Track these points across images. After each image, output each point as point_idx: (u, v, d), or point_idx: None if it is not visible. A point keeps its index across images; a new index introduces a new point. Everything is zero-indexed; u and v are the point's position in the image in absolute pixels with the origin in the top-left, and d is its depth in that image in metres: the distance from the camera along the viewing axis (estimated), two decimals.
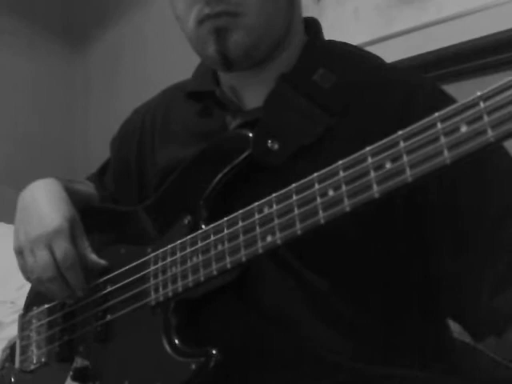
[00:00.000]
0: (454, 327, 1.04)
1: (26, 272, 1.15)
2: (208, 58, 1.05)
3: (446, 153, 0.68)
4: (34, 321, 1.24)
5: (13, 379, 1.27)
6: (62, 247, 1.09)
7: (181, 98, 1.21)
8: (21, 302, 1.71)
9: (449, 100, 1.01)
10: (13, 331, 1.42)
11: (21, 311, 1.31)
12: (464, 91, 0.74)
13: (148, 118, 1.26)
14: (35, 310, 1.25)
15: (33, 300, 1.28)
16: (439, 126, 0.70)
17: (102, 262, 1.13)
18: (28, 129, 2.99)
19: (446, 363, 1.00)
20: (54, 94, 3.14)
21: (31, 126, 3.00)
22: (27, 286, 1.42)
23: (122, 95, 2.92)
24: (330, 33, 1.15)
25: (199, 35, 1.03)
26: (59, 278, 1.09)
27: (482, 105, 0.66)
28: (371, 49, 1.17)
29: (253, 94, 1.09)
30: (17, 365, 1.24)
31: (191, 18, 1.02)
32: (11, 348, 1.30)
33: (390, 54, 1.54)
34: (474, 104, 0.67)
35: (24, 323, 1.27)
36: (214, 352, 0.91)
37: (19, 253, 1.14)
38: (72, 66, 3.19)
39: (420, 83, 1.05)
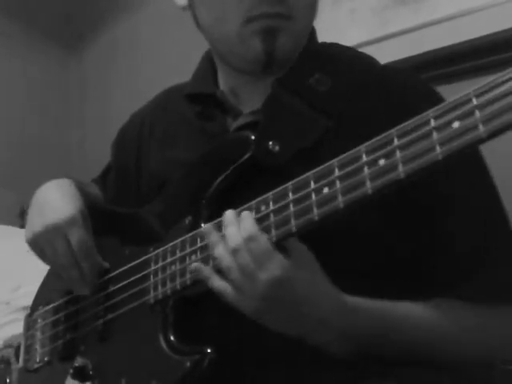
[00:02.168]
0: None
1: (49, 262, 1.16)
2: (247, 56, 1.04)
3: (437, 148, 0.69)
4: (39, 320, 1.26)
5: (8, 380, 1.28)
6: (77, 235, 1.10)
7: (179, 101, 1.21)
8: (16, 303, 1.73)
9: (442, 100, 1.02)
10: (8, 332, 1.43)
11: (16, 312, 1.33)
12: (459, 92, 0.75)
13: (147, 121, 1.27)
14: (41, 310, 1.26)
15: (39, 300, 1.29)
16: (432, 122, 0.70)
17: (106, 264, 1.14)
18: (24, 130, 2.99)
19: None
20: (49, 96, 3.13)
21: (27, 127, 3.00)
22: (22, 288, 1.44)
23: (117, 97, 2.92)
24: (325, 34, 1.16)
25: (244, 33, 1.02)
26: (76, 266, 1.11)
27: (474, 101, 0.67)
28: (367, 49, 1.18)
29: (253, 96, 1.09)
30: (21, 364, 1.26)
31: (237, 15, 1.01)
32: (16, 348, 1.30)
33: (386, 54, 1.55)
34: (466, 100, 0.68)
35: (29, 322, 1.28)
36: (208, 350, 0.92)
37: (35, 244, 1.14)
38: (67, 67, 3.19)
39: (414, 84, 1.07)
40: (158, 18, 2.69)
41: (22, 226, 1.21)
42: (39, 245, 1.14)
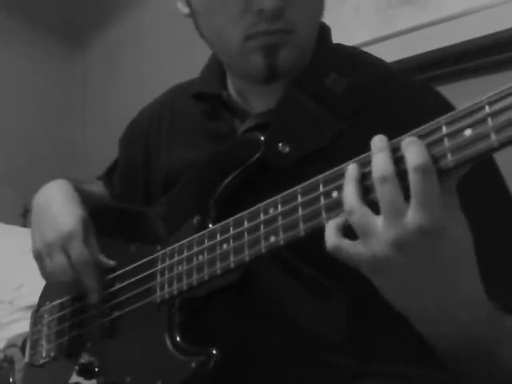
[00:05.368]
0: None
1: (45, 275, 1.17)
2: (250, 70, 1.03)
3: (449, 156, 0.69)
4: (45, 315, 1.26)
5: (11, 379, 1.29)
6: (76, 250, 1.10)
7: (187, 99, 1.21)
8: (19, 302, 1.73)
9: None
10: (11, 331, 1.44)
11: (19, 311, 1.33)
12: (464, 91, 0.75)
13: (155, 118, 1.27)
14: (48, 305, 1.26)
15: (46, 296, 1.29)
16: (444, 129, 0.70)
17: (111, 262, 1.14)
18: (26, 128, 2.99)
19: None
20: (52, 93, 3.13)
21: (29, 124, 3.00)
22: (25, 287, 1.44)
23: (119, 94, 2.92)
24: None
25: (245, 48, 1.00)
26: (77, 280, 1.12)
27: (487, 109, 0.66)
28: (371, 48, 1.19)
29: (261, 98, 1.09)
30: (27, 359, 1.26)
31: (237, 32, 1.00)
32: (22, 342, 1.31)
33: (390, 53, 1.56)
34: (479, 108, 0.67)
35: (36, 318, 1.29)
36: (214, 352, 0.92)
37: (38, 257, 1.16)
38: (70, 65, 3.19)
39: (428, 93, 1.06)
40: (161, 15, 2.68)
41: (25, 225, 1.22)
42: (40, 259, 1.15)
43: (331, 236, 0.77)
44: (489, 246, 0.89)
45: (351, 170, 0.78)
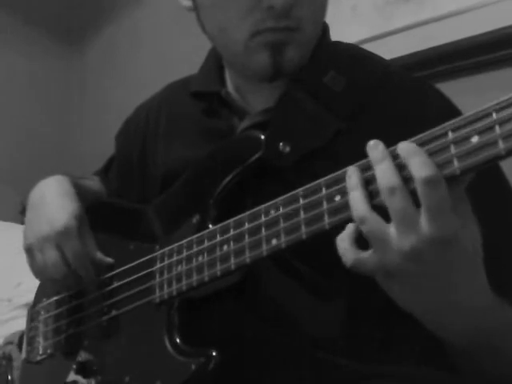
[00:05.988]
0: None
1: (35, 271, 1.15)
2: (254, 68, 1.01)
3: (455, 163, 0.68)
4: (42, 312, 1.25)
5: (9, 377, 1.28)
6: (71, 246, 1.09)
7: (185, 96, 1.19)
8: (18, 300, 1.72)
9: (457, 111, 1.01)
10: (10, 329, 1.43)
11: (18, 309, 1.32)
12: (462, 89, 0.75)
13: (152, 115, 1.25)
14: (44, 302, 1.25)
15: (43, 292, 1.28)
16: (450, 135, 0.69)
17: (108, 259, 1.13)
18: (24, 127, 2.98)
19: (443, 360, 1.00)
20: (50, 92, 3.11)
21: (27, 123, 2.99)
22: (24, 284, 1.43)
23: (117, 94, 2.91)
24: None
25: (250, 46, 0.99)
26: (71, 275, 1.10)
27: (494, 115, 0.65)
28: (369, 46, 1.17)
29: (259, 95, 1.08)
30: (23, 355, 1.25)
31: (244, 28, 0.98)
32: (19, 338, 1.30)
33: (388, 51, 1.54)
34: (486, 114, 0.66)
35: (33, 314, 1.27)
36: (214, 354, 0.91)
37: (28, 252, 1.14)
38: (69, 64, 3.18)
39: (429, 91, 1.05)
40: (159, 14, 2.68)
41: (23, 223, 1.20)
42: (31, 253, 1.14)
43: (349, 251, 0.76)
44: (496, 244, 0.89)
45: (355, 176, 0.77)
